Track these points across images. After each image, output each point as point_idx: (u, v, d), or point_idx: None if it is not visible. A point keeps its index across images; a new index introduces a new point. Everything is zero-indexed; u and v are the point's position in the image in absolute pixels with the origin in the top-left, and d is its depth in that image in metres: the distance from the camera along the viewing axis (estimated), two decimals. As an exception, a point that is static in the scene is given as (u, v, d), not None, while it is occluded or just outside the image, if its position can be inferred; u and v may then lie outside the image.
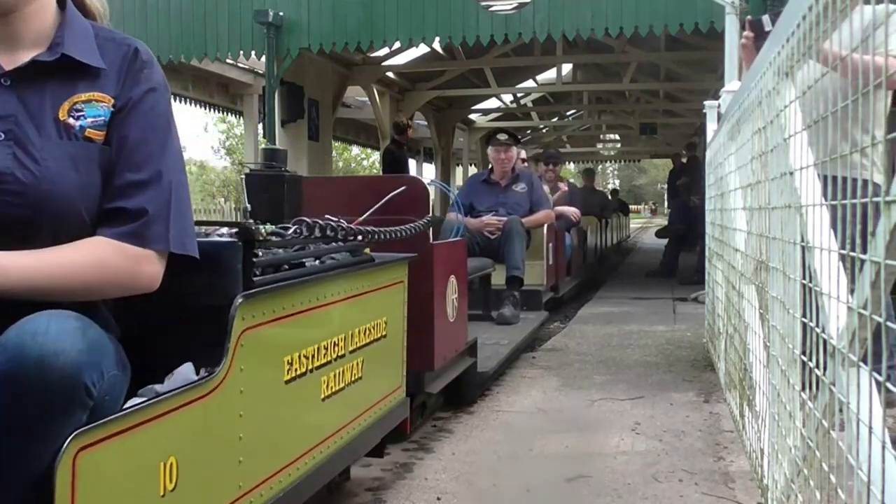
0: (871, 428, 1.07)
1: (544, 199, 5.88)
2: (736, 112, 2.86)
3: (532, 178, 5.89)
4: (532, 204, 5.65)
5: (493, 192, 5.67)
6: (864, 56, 1.18)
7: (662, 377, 3.89)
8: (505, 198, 5.60)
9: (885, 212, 1.03)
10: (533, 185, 5.73)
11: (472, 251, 4.71)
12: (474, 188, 5.85)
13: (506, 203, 5.54)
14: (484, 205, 5.58)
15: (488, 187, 5.71)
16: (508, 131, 5.99)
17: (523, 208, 5.57)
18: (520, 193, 5.65)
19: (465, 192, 5.91)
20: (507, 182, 5.68)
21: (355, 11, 7.57)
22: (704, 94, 8.93)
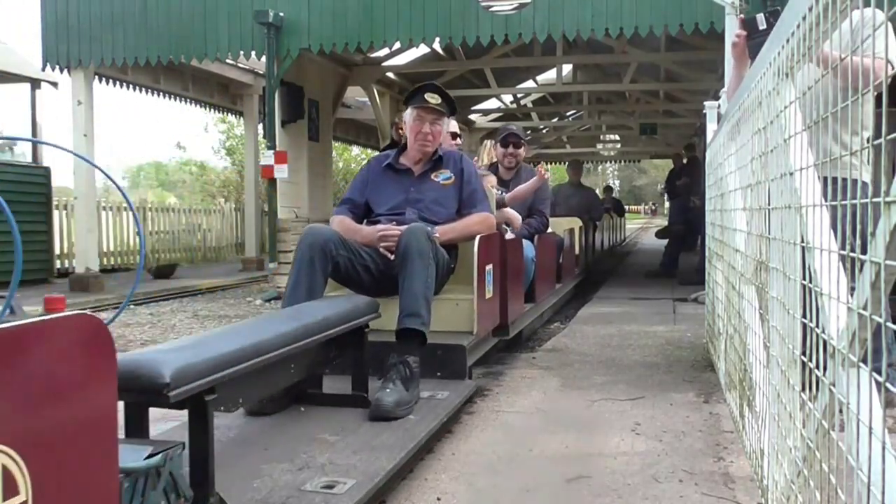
0: (871, 428, 1.07)
1: (481, 195, 3.75)
2: (736, 113, 2.86)
3: (464, 162, 3.77)
4: (462, 203, 3.67)
5: (402, 184, 3.69)
6: (853, 58, 1.19)
7: (662, 377, 3.89)
8: (419, 192, 3.64)
9: (885, 212, 1.03)
10: (464, 174, 3.70)
11: (359, 281, 3.30)
12: (374, 177, 3.77)
13: (420, 200, 3.61)
14: (386, 203, 3.64)
15: (395, 176, 3.72)
16: (442, 90, 3.71)
17: (447, 210, 3.63)
18: (442, 186, 3.67)
19: (358, 183, 3.79)
20: (424, 168, 3.72)
21: (355, 12, 7.57)
22: (704, 95, 8.96)
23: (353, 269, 3.27)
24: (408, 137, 3.72)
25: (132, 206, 2.50)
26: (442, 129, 3.68)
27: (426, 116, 3.62)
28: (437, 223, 3.51)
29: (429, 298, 3.08)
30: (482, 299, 3.50)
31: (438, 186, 3.66)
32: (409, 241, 3.09)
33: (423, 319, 3.02)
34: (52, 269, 10.29)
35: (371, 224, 3.58)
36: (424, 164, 3.70)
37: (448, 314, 3.47)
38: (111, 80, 9.97)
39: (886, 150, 1.05)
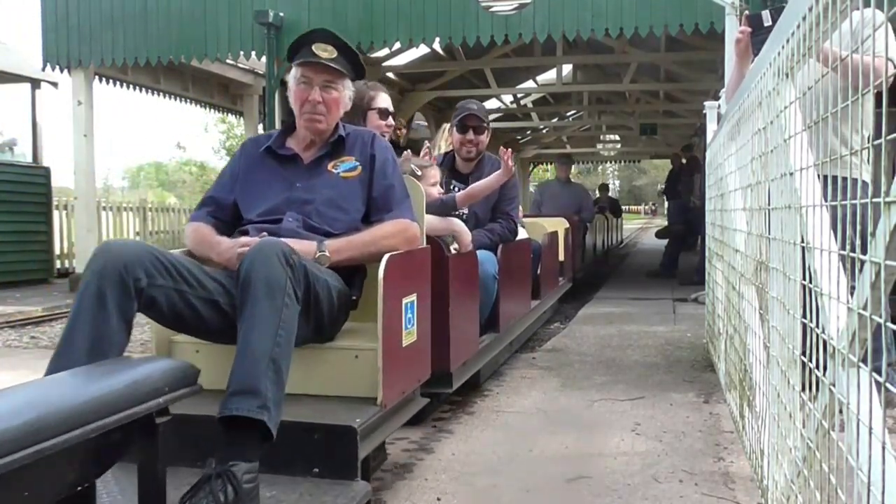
0: (871, 428, 1.07)
1: (400, 193, 2.53)
2: (736, 113, 2.86)
3: (376, 145, 2.57)
4: (372, 204, 2.50)
5: (284, 177, 2.50)
6: (854, 57, 1.19)
7: (662, 378, 3.89)
8: (309, 189, 2.46)
9: (885, 212, 1.03)
10: (376, 163, 2.52)
11: (200, 324, 2.11)
12: (247, 166, 2.58)
13: (309, 201, 2.43)
14: (258, 205, 2.47)
15: (276, 166, 2.54)
16: (338, 39, 2.52)
17: (347, 214, 2.45)
18: (343, 180, 2.49)
19: (225, 175, 2.61)
20: (318, 154, 2.53)
21: (355, 11, 7.57)
22: (704, 95, 8.96)
23: (186, 306, 2.03)
24: (295, 111, 2.54)
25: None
26: (341, 97, 2.49)
27: (314, 77, 2.43)
28: (331, 234, 2.35)
29: (279, 362, 1.87)
30: (394, 348, 2.25)
31: (337, 181, 2.46)
32: (249, 268, 1.94)
33: (262, 400, 1.80)
34: (52, 269, 10.30)
35: (242, 232, 2.39)
36: (319, 148, 2.50)
37: (340, 373, 2.28)
38: (111, 80, 9.97)
39: (886, 150, 1.05)
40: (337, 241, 2.34)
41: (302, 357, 2.14)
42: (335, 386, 2.29)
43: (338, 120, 2.54)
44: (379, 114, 3.33)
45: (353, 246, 2.35)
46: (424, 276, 2.59)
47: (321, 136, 2.53)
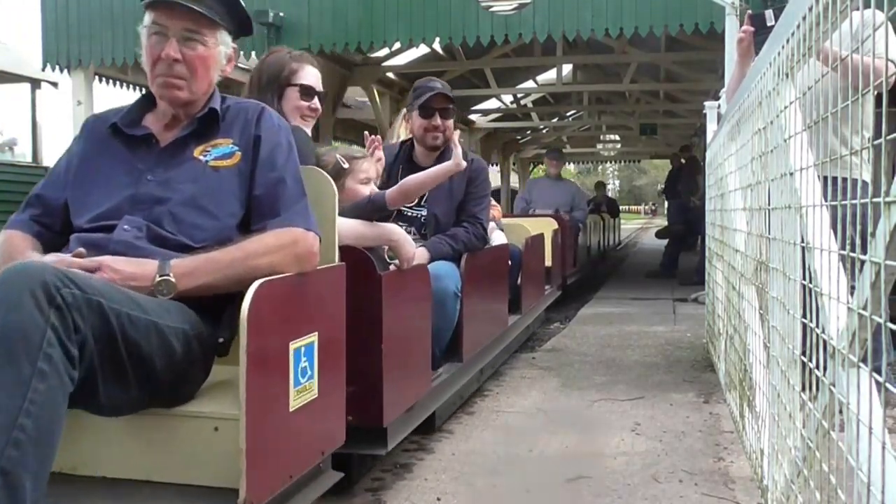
0: (871, 428, 1.07)
1: (294, 191, 1.82)
2: (736, 113, 2.86)
3: (264, 121, 1.87)
4: (254, 205, 1.81)
5: (132, 166, 1.81)
6: (854, 57, 1.19)
7: (662, 378, 3.89)
8: (163, 184, 1.78)
9: (885, 212, 1.03)
10: (261, 146, 1.83)
11: None
12: (87, 153, 1.89)
13: (163, 200, 1.75)
14: (93, 205, 1.79)
15: (123, 151, 1.85)
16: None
17: (216, 220, 1.77)
18: (213, 170, 1.80)
19: (61, 167, 1.91)
20: (181, 134, 1.85)
21: (355, 12, 7.57)
22: (704, 95, 8.96)
23: None
24: (148, 72, 1.83)
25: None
26: (211, 55, 1.81)
27: (170, 25, 1.78)
28: (190, 248, 1.68)
29: (14, 474, 1.19)
30: (271, 416, 1.59)
31: (205, 172, 1.78)
32: None
33: None
34: (52, 269, 10.29)
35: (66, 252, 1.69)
36: (183, 126, 1.84)
37: (194, 451, 1.59)
38: (111, 80, 9.96)
39: (886, 150, 1.05)
40: (189, 260, 1.62)
41: (139, 427, 1.57)
42: (186, 470, 1.57)
43: (210, 87, 1.86)
44: (301, 92, 2.58)
45: (212, 267, 1.62)
46: (334, 305, 1.89)
47: (186, 111, 1.84)
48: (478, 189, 3.34)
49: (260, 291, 1.51)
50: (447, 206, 3.26)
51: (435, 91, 3.33)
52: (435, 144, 3.32)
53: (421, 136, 3.36)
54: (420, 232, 3.21)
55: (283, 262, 1.69)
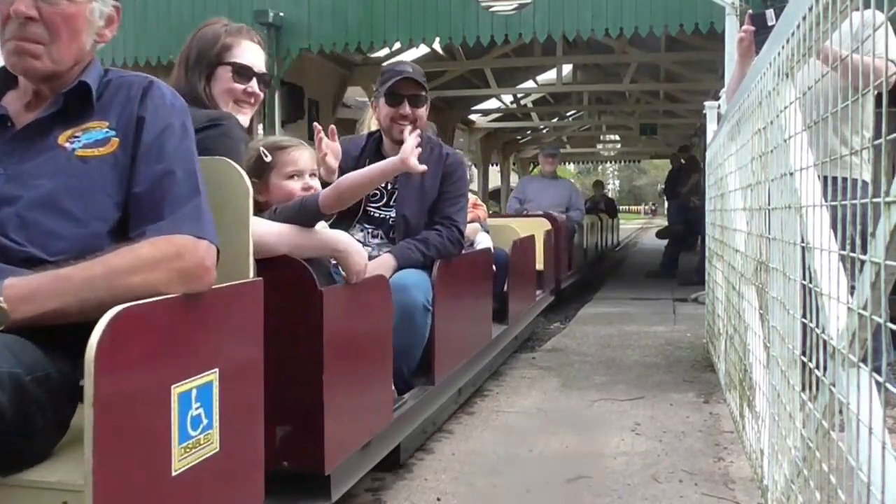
0: (871, 428, 1.07)
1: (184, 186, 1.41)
2: (736, 113, 2.86)
3: (154, 100, 1.48)
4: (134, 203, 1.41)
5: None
6: (854, 57, 1.19)
7: (662, 378, 3.89)
8: (15, 179, 1.38)
9: (885, 212, 1.03)
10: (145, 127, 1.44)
11: None
12: None
13: (13, 201, 1.35)
14: None
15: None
16: None
17: (79, 227, 1.37)
18: (80, 160, 1.40)
19: None
20: (46, 113, 1.45)
21: (355, 12, 7.57)
22: (704, 95, 8.96)
23: None
24: None
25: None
26: (80, 12, 1.46)
27: None
28: (39, 261, 1.32)
29: None
30: (136, 484, 1.19)
31: (70, 162, 1.41)
32: None
33: None
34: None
35: None
36: (48, 105, 1.47)
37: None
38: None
39: (886, 150, 1.05)
40: (30, 279, 1.23)
41: None
42: None
43: (80, 55, 1.50)
44: (234, 72, 2.13)
45: (62, 287, 1.23)
46: (245, 332, 1.49)
47: (51, 86, 1.47)
48: (454, 187, 2.92)
49: (118, 321, 1.11)
50: (418, 207, 2.85)
51: (403, 75, 2.85)
52: (403, 138, 2.56)
53: (388, 127, 2.90)
54: (388, 235, 2.84)
55: (163, 279, 1.28)
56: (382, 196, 2.89)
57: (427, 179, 2.82)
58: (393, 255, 2.69)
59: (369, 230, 2.85)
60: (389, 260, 2.67)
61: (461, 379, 3.15)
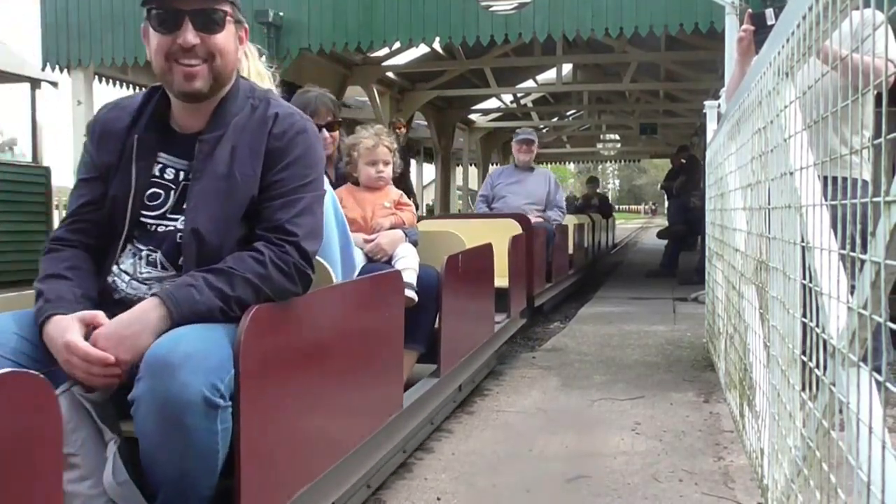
0: (871, 428, 1.07)
1: None
2: (736, 112, 2.86)
3: None
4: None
5: None
6: (854, 56, 1.19)
7: (662, 377, 3.89)
8: None
9: (885, 212, 1.03)
10: None
11: None
12: None
13: None
14: None
15: None
16: None
17: None
18: None
19: None
20: None
21: (355, 11, 7.57)
22: (704, 94, 8.95)
23: None
24: None
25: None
26: None
27: None
28: None
29: None
30: None
31: None
32: None
33: None
34: (52, 269, 10.24)
35: None
36: None
37: None
38: (111, 80, 9.95)
39: (886, 150, 1.05)
40: None
41: None
42: None
43: None
44: None
45: None
46: None
47: None
48: (290, 172, 1.70)
49: None
50: (223, 210, 1.66)
51: None
52: (186, 87, 1.69)
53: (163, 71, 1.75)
54: (171, 260, 1.67)
55: None
56: (165, 195, 1.71)
57: (239, 160, 1.67)
58: (161, 302, 1.49)
59: (142, 254, 1.69)
60: (152, 311, 1.49)
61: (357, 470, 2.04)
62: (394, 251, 2.90)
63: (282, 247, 1.64)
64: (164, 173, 1.72)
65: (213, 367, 1.42)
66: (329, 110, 2.95)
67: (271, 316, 1.59)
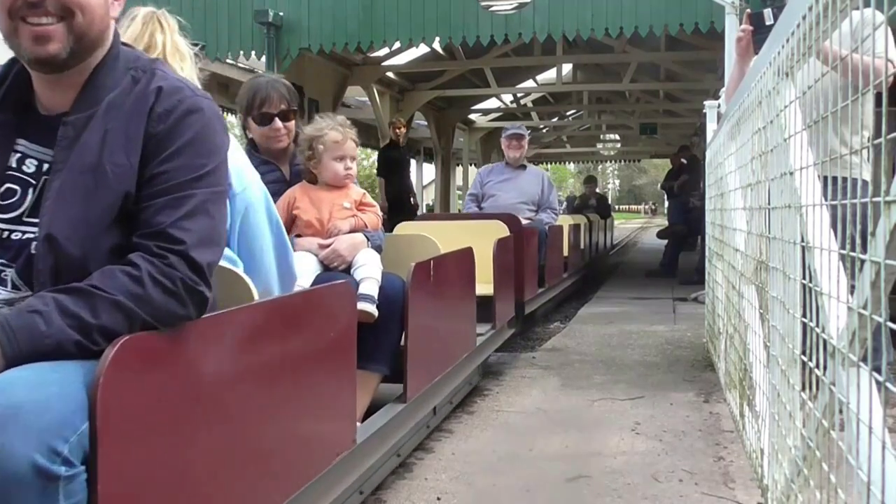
0: (871, 428, 1.07)
1: None
2: (736, 112, 2.86)
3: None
4: None
5: None
6: (854, 56, 1.19)
7: (662, 377, 3.89)
8: None
9: (885, 212, 1.03)
10: None
11: None
12: None
13: None
14: None
15: None
16: None
17: None
18: None
19: None
20: None
21: (355, 11, 7.57)
22: (704, 94, 8.95)
23: None
24: None
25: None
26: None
27: None
28: None
29: None
30: None
31: None
32: None
33: None
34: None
35: None
36: None
37: None
38: None
39: (886, 150, 1.05)
40: None
41: None
42: None
43: None
44: None
45: None
46: None
47: None
48: (182, 157, 1.36)
49: None
50: (87, 211, 1.32)
51: None
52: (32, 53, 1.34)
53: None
54: (26, 278, 1.33)
55: None
56: (22, 192, 1.37)
57: (111, 147, 1.33)
58: None
59: None
60: None
61: None
62: (353, 258, 2.57)
63: (164, 258, 1.26)
64: (22, 165, 1.36)
65: (51, 422, 1.05)
66: (282, 97, 2.65)
67: (146, 349, 1.19)
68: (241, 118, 2.76)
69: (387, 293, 2.49)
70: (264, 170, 2.53)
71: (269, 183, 2.15)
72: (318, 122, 2.72)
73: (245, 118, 2.73)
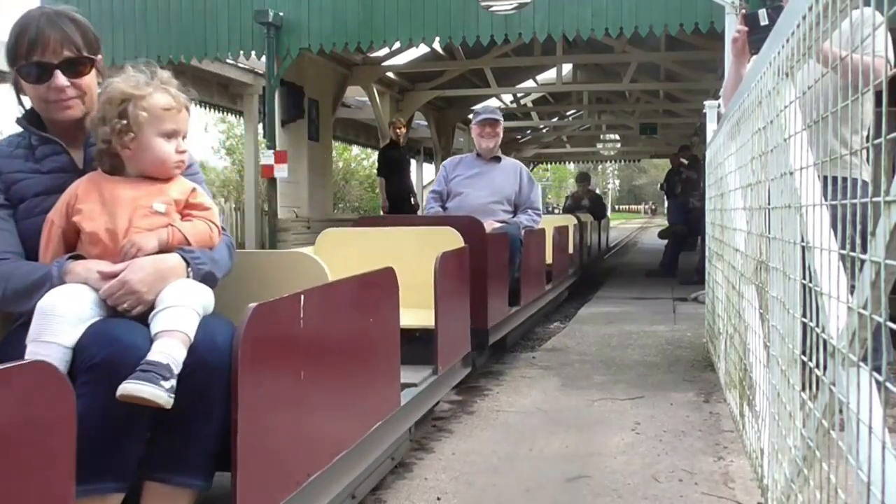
0: (871, 428, 1.07)
1: None
2: (736, 112, 2.86)
3: None
4: None
5: None
6: (853, 56, 1.19)
7: (662, 377, 3.89)
8: None
9: (885, 211, 1.03)
10: None
11: None
12: None
13: None
14: None
15: None
16: None
17: None
18: None
19: None
20: None
21: (355, 11, 7.57)
22: (704, 94, 8.96)
23: None
24: None
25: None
26: None
27: None
28: None
29: None
30: None
31: None
32: None
33: None
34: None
35: None
36: None
37: None
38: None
39: (886, 150, 1.05)
40: None
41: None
42: None
43: None
44: None
45: None
46: None
47: None
48: None
49: None
50: None
51: None
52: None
53: None
54: None
55: None
56: None
57: None
58: None
59: None
60: None
61: None
62: (157, 295, 1.59)
63: None
64: None
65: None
66: (67, 39, 1.77)
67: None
68: (12, 74, 1.79)
69: (201, 354, 1.52)
70: (43, 152, 1.76)
71: (50, 172, 1.65)
72: (129, 74, 1.87)
73: (15, 74, 1.78)
